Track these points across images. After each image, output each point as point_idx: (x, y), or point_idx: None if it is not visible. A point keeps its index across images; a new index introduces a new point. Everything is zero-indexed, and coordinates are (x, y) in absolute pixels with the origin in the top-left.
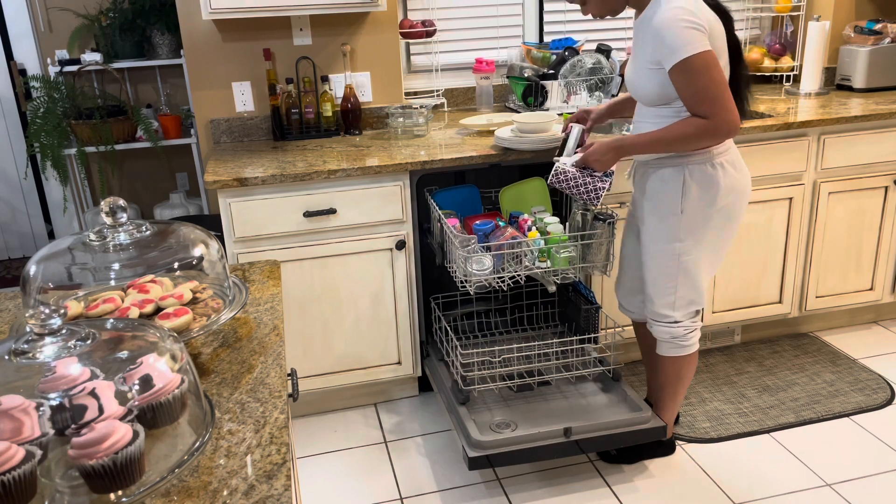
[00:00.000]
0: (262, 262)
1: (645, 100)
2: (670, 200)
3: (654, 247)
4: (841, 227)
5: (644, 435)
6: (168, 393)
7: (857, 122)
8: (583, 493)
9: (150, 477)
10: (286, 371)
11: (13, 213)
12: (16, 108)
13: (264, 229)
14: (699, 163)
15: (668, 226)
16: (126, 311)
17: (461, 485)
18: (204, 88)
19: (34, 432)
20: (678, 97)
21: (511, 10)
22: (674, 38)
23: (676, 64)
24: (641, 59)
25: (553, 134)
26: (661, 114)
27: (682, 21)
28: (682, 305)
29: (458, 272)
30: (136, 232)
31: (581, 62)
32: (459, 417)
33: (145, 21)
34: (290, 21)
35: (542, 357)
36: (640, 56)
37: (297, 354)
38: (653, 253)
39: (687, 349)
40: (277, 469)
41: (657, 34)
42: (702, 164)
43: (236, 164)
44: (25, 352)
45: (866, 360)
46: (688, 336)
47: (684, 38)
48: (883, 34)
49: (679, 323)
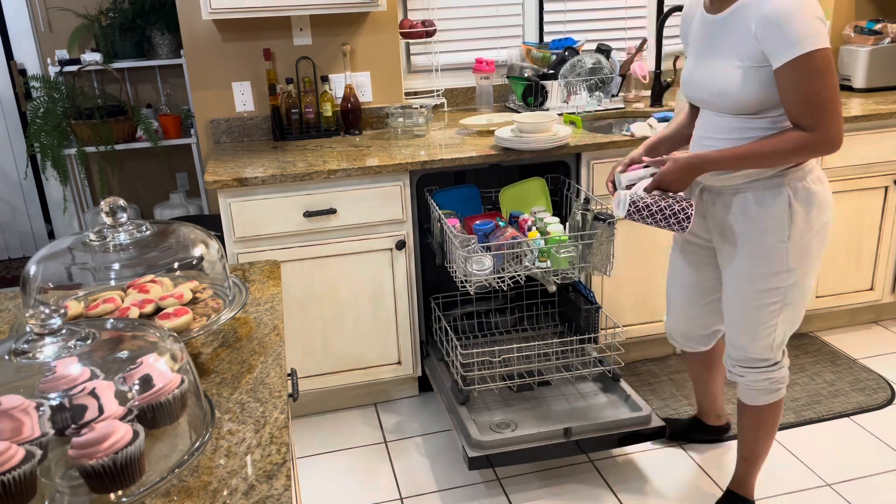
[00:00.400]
0: (262, 262)
1: (736, 107)
2: (776, 227)
3: (750, 286)
4: (841, 227)
5: (644, 435)
6: (168, 393)
7: (857, 122)
8: (583, 493)
9: (150, 477)
10: (286, 371)
11: (13, 213)
12: (16, 108)
13: (264, 229)
14: (800, 179)
15: (771, 258)
16: (126, 311)
17: (461, 485)
18: (204, 88)
19: (34, 432)
20: (777, 104)
21: (511, 10)
22: (799, 28)
23: (796, 58)
24: (730, 58)
25: (553, 134)
26: (749, 126)
27: (811, 9)
28: (780, 343)
29: (458, 272)
30: (136, 232)
31: (581, 62)
32: (459, 417)
33: (145, 21)
34: (290, 21)
35: (542, 357)
36: (728, 54)
37: (297, 354)
38: (749, 294)
39: (783, 389)
40: (277, 469)
41: (774, 23)
42: (803, 181)
43: (236, 164)
44: (25, 352)
45: (866, 360)
46: (785, 374)
47: (811, 30)
48: (883, 34)
49: (779, 364)
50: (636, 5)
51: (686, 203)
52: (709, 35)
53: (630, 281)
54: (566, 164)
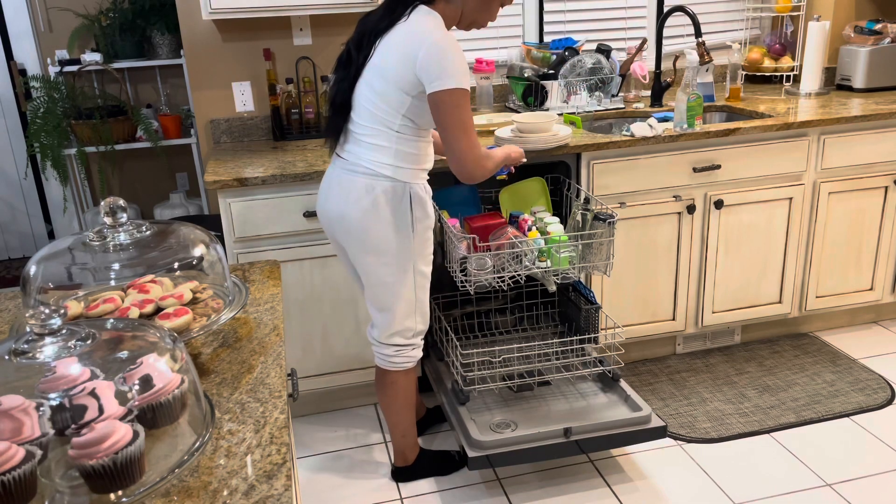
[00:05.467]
0: (262, 262)
1: None
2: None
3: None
4: (841, 227)
5: (644, 435)
6: (168, 393)
7: (857, 122)
8: (583, 493)
9: (150, 477)
10: (286, 371)
11: (13, 213)
12: (16, 108)
13: (264, 229)
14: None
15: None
16: (126, 311)
17: (461, 485)
18: (204, 88)
19: (34, 432)
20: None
21: (511, 9)
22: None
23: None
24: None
25: (553, 134)
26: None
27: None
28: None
29: (458, 272)
30: (136, 232)
31: (581, 62)
32: (459, 417)
33: (145, 21)
34: (290, 21)
35: (542, 357)
36: None
37: (297, 354)
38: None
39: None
40: (277, 469)
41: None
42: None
43: (236, 164)
44: (25, 352)
45: (866, 360)
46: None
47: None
48: (883, 34)
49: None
50: (636, 5)
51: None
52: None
53: (630, 281)
54: (566, 164)
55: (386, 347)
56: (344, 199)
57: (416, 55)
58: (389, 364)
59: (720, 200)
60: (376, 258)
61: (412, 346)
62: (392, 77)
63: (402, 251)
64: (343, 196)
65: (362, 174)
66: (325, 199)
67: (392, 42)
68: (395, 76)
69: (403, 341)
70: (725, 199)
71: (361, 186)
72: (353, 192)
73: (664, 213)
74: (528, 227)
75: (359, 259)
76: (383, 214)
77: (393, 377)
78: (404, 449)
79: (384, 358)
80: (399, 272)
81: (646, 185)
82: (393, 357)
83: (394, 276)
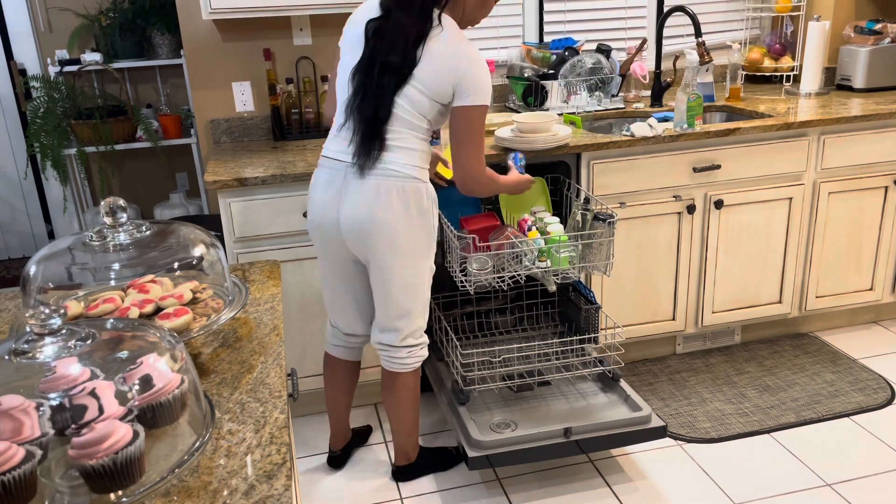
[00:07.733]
0: (262, 262)
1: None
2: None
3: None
4: (841, 227)
5: (644, 435)
6: (168, 393)
7: (857, 122)
8: (583, 493)
9: (150, 477)
10: (286, 371)
11: (13, 213)
12: (16, 108)
13: (264, 229)
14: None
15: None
16: (126, 311)
17: (461, 485)
18: (204, 88)
19: (34, 432)
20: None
21: (511, 10)
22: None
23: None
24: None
25: (553, 134)
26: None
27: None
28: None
29: (458, 272)
30: (136, 232)
31: (581, 62)
32: (459, 417)
33: (145, 21)
34: (290, 21)
35: (542, 357)
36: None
37: (297, 354)
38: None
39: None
40: (277, 469)
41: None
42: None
43: (236, 164)
44: (25, 352)
45: (866, 360)
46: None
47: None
48: (883, 34)
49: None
50: (636, 5)
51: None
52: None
53: (630, 281)
54: (566, 164)
55: (399, 350)
56: (376, 204)
57: (459, 69)
58: (401, 366)
59: (720, 200)
60: (404, 260)
61: (421, 346)
62: (431, 85)
63: (426, 250)
64: (373, 200)
65: (394, 177)
66: (350, 206)
67: (435, 52)
68: (434, 85)
69: (415, 341)
70: (725, 199)
71: (394, 189)
72: (383, 195)
73: (664, 213)
74: (527, 227)
75: (386, 264)
76: (413, 215)
77: (403, 378)
78: (407, 448)
79: (397, 361)
80: (421, 272)
81: (646, 185)
82: (406, 359)
83: (416, 276)
